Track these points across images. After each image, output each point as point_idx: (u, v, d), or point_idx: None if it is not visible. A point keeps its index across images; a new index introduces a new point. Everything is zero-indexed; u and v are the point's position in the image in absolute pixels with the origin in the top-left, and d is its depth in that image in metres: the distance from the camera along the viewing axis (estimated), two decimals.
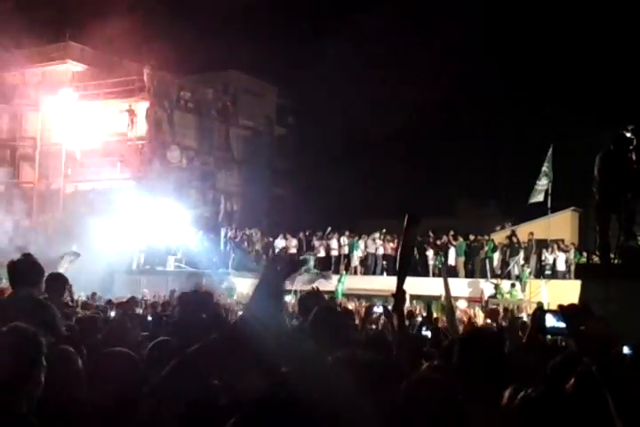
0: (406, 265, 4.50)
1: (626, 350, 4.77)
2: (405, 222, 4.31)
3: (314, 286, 5.06)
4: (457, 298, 21.34)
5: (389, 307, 4.97)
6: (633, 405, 2.04)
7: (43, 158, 35.72)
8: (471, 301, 22.74)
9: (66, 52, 35.52)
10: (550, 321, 2.63)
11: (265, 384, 3.20)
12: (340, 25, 34.36)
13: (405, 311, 12.90)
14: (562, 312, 2.31)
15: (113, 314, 9.36)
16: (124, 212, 27.39)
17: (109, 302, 13.10)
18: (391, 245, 26.57)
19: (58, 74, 35.80)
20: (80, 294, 17.72)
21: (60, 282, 6.48)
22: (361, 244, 27.56)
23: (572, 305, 2.26)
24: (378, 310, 7.87)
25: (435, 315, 17.83)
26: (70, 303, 9.92)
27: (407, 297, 4.84)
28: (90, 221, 26.50)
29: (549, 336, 5.24)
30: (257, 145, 39.63)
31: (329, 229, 28.71)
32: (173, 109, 34.97)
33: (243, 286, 21.68)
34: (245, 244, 29.86)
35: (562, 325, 2.39)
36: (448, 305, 6.20)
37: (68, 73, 35.69)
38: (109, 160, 33.34)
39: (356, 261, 27.47)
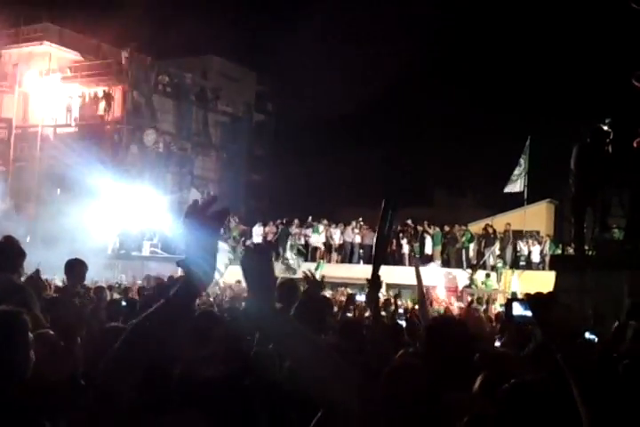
0: (382, 251, 4.50)
1: (587, 335, 4.85)
2: (382, 207, 4.32)
3: (306, 271, 5.02)
4: (433, 287, 21.50)
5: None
6: (597, 393, 2.06)
7: (18, 141, 35.29)
8: (447, 291, 22.89)
9: (43, 34, 34.98)
10: (517, 310, 2.65)
11: (231, 365, 3.19)
12: (318, 10, 34.26)
13: (382, 300, 13.03)
14: (528, 301, 2.32)
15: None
16: (100, 196, 27.18)
17: (83, 286, 12.92)
18: (367, 233, 26.64)
19: (35, 55, 35.29)
20: (54, 278, 17.57)
21: (80, 268, 6.34)
22: (321, 228, 27.81)
23: (538, 294, 2.27)
24: (360, 298, 7.86)
25: (410, 304, 18.00)
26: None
27: (384, 284, 4.88)
28: (65, 204, 26.26)
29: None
30: (235, 131, 39.44)
31: (310, 218, 28.67)
32: (151, 94, 34.62)
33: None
34: (222, 230, 29.74)
35: (529, 313, 2.40)
36: (419, 295, 6.21)
37: (46, 55, 35.17)
38: (85, 143, 32.98)
39: (319, 245, 27.68)
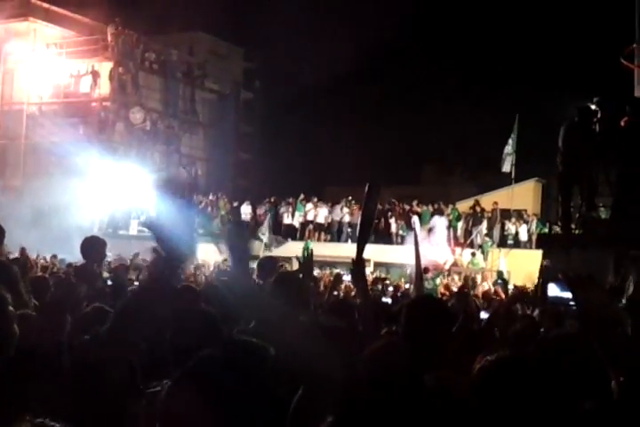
0: (366, 233, 4.52)
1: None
2: (366, 191, 4.36)
3: (298, 255, 5.03)
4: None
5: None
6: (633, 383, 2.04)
7: (3, 118, 34.93)
8: (433, 269, 22.97)
9: (27, 10, 34.47)
10: (554, 291, 2.61)
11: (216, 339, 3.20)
12: None
13: (371, 279, 13.02)
14: (567, 282, 2.28)
15: None
16: (87, 174, 27.01)
17: (70, 265, 12.90)
18: (357, 211, 26.66)
19: (19, 32, 34.77)
20: (41, 257, 17.52)
21: (97, 247, 6.03)
22: (306, 207, 27.93)
23: (577, 275, 2.24)
24: (347, 278, 7.86)
25: (401, 283, 18.12)
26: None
27: (372, 264, 4.90)
28: (51, 183, 26.09)
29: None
30: (223, 109, 39.17)
31: (302, 196, 28.60)
32: (138, 70, 34.25)
33: (204, 251, 21.39)
34: (210, 209, 29.68)
35: (565, 295, 2.37)
36: (417, 270, 6.23)
37: (31, 31, 34.71)
38: (71, 121, 32.68)
39: (296, 223, 27.87)
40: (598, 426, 1.97)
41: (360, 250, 4.20)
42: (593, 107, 11.46)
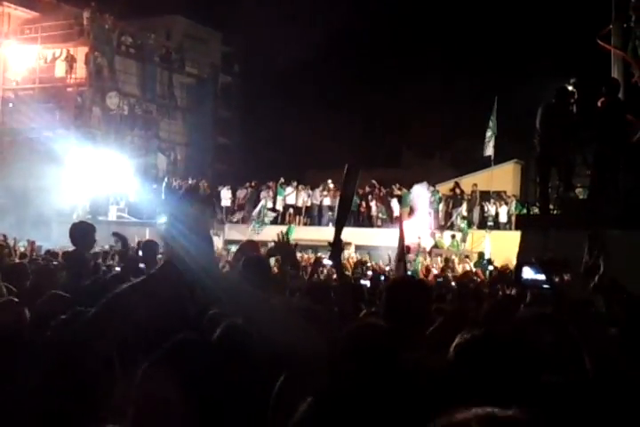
0: (344, 216, 4.53)
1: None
2: (344, 174, 4.36)
3: (278, 233, 5.01)
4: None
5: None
6: (608, 365, 2.06)
7: None
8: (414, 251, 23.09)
9: None
10: (528, 273, 2.61)
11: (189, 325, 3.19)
12: None
13: (355, 261, 13.10)
14: (541, 265, 2.29)
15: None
16: (65, 160, 26.78)
17: (48, 251, 12.83)
18: (337, 195, 26.69)
19: None
20: (19, 244, 17.37)
21: (87, 234, 5.82)
22: (286, 191, 27.94)
23: (551, 259, 2.26)
24: (328, 262, 7.88)
25: (381, 265, 18.20)
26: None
27: (353, 247, 4.91)
28: (28, 169, 25.86)
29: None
30: (201, 93, 38.89)
31: (282, 179, 28.54)
32: (114, 55, 33.88)
33: None
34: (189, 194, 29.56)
35: (539, 277, 2.38)
36: (399, 251, 6.26)
37: (4, 16, 34.20)
38: (47, 106, 32.32)
39: (279, 207, 27.93)
40: (567, 399, 1.99)
41: (338, 231, 4.20)
42: (570, 88, 11.52)
